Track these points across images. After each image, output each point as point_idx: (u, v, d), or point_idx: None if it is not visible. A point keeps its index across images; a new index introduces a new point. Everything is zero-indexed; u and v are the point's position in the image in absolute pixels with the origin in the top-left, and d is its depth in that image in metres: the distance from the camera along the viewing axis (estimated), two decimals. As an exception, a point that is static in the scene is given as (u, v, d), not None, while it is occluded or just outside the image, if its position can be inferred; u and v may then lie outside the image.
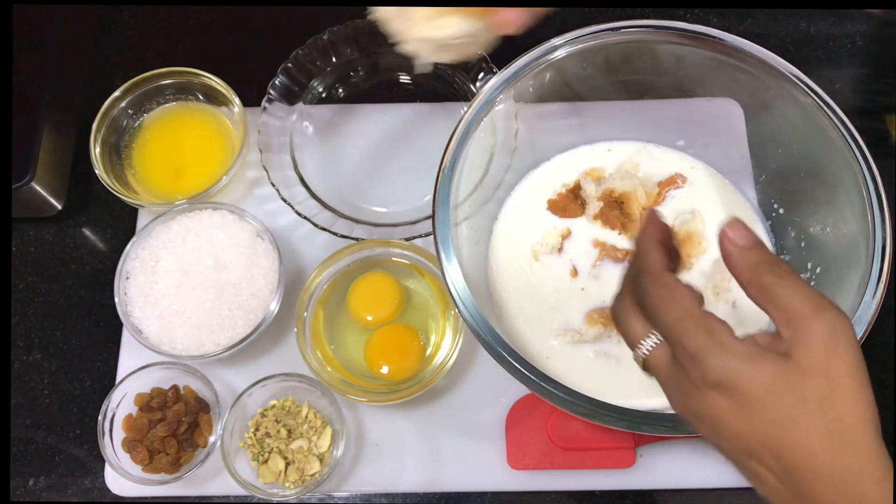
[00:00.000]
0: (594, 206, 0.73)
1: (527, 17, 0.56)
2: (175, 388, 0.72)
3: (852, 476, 0.39)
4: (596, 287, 0.71)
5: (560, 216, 0.74)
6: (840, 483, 0.39)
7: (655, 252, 0.45)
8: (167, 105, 0.82)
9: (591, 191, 0.73)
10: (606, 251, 0.72)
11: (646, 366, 0.46)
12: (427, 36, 0.58)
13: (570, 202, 0.74)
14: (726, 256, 0.43)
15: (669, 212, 0.73)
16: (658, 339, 0.45)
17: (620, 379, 0.68)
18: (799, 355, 0.40)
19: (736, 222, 0.44)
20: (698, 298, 0.43)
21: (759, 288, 0.42)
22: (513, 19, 0.56)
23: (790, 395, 0.39)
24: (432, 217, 0.60)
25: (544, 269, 0.72)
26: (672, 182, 0.74)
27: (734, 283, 0.44)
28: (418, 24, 0.57)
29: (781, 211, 0.71)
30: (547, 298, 0.71)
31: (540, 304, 0.70)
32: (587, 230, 0.73)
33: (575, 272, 0.71)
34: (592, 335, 0.69)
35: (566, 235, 0.73)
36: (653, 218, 0.47)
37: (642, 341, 0.45)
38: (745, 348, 0.40)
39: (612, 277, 0.71)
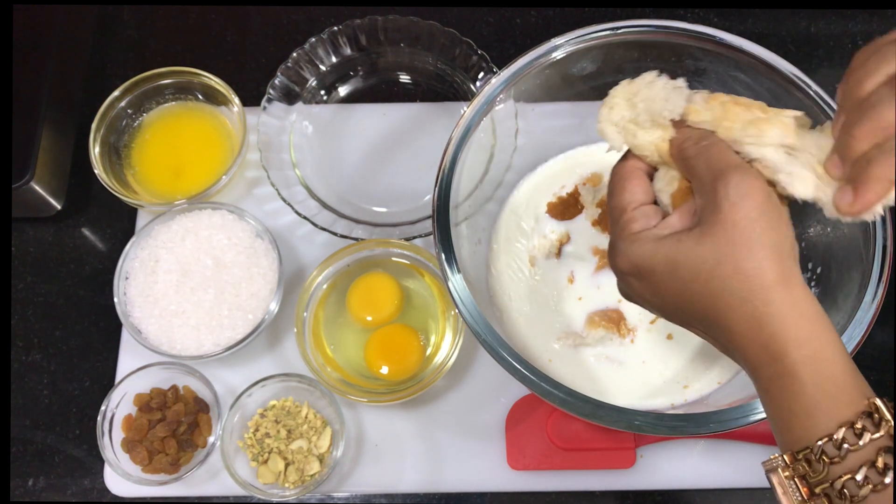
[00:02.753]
0: (593, 212, 0.72)
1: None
2: (174, 388, 0.72)
3: (760, 322, 0.41)
4: (596, 295, 0.70)
5: (559, 219, 0.74)
6: (751, 331, 0.41)
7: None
8: (167, 105, 0.82)
9: (589, 198, 0.73)
10: (606, 260, 0.71)
11: None
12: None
13: (569, 206, 0.74)
14: None
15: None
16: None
17: (623, 382, 0.68)
18: (705, 220, 0.43)
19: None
20: (643, 195, 0.47)
21: (682, 161, 0.45)
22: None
23: (688, 266, 0.42)
24: (432, 217, 0.60)
25: (543, 273, 0.72)
26: None
27: None
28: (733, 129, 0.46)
29: (781, 211, 0.71)
30: (547, 301, 0.70)
31: (540, 307, 0.70)
32: (587, 237, 0.72)
33: (572, 279, 0.71)
34: (594, 339, 0.69)
35: (565, 241, 0.72)
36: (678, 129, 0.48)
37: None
38: (650, 234, 0.44)
39: (612, 286, 0.70)
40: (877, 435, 0.38)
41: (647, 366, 0.68)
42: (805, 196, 0.45)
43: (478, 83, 0.80)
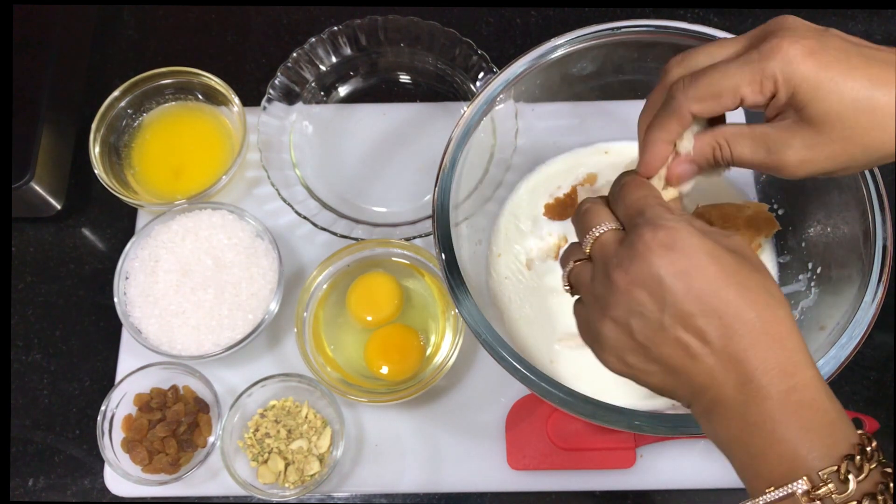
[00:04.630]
0: None
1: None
2: (174, 388, 0.72)
3: (789, 331, 0.41)
4: None
5: (557, 221, 0.73)
6: (778, 336, 0.41)
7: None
8: (167, 105, 0.82)
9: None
10: None
11: (570, 281, 0.49)
12: None
13: (566, 207, 0.73)
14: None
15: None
16: (607, 226, 0.46)
17: (623, 383, 0.68)
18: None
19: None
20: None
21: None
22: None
23: (731, 260, 0.42)
24: (432, 217, 0.60)
25: (543, 275, 0.72)
26: None
27: None
28: None
29: (781, 211, 0.71)
30: (547, 303, 0.70)
31: (541, 309, 0.70)
32: None
33: None
34: None
35: (563, 243, 0.72)
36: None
37: (594, 228, 0.47)
38: (695, 227, 0.43)
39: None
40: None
41: (647, 366, 0.68)
42: None
43: (478, 83, 0.81)
